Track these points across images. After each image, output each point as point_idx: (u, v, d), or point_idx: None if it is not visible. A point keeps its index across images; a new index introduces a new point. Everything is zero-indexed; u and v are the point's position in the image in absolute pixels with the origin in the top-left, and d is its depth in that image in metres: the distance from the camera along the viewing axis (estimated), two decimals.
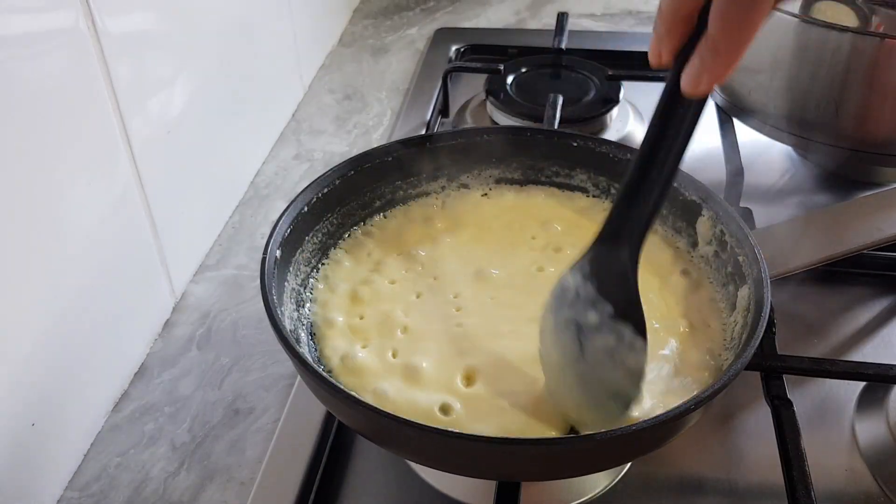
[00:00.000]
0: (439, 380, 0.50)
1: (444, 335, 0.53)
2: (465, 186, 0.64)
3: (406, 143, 0.62)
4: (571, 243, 0.59)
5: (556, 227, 0.61)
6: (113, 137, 0.58)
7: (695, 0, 0.38)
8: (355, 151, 0.70)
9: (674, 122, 0.42)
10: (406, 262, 0.59)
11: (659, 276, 0.57)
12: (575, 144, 0.62)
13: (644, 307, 0.54)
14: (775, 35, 0.69)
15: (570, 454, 0.43)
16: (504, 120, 0.85)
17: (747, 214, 0.69)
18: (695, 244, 0.58)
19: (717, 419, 0.58)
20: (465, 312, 0.54)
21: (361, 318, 0.54)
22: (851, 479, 0.54)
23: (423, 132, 0.86)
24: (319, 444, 0.56)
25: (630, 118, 0.87)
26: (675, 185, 0.58)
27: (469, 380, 0.50)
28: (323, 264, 0.58)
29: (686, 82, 0.39)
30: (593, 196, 0.63)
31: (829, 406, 0.59)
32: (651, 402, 0.48)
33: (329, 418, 0.57)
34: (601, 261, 0.43)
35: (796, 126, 0.71)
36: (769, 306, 0.48)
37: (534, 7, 1.14)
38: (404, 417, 0.43)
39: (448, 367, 0.50)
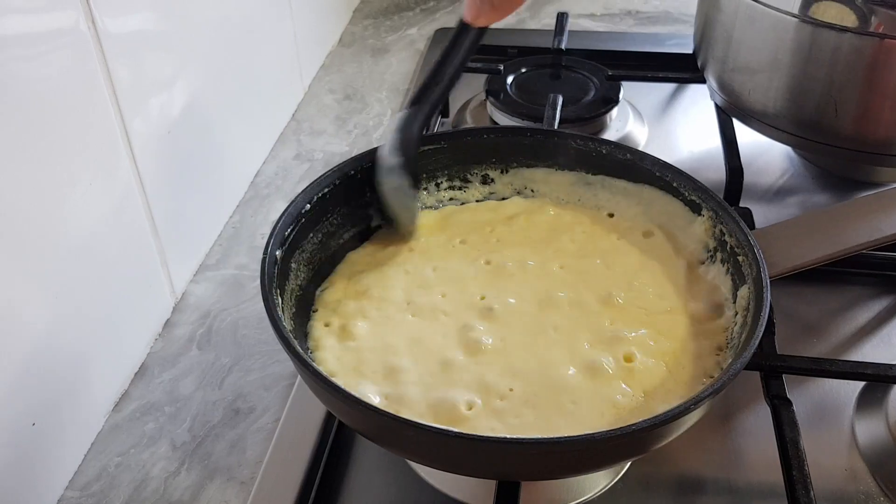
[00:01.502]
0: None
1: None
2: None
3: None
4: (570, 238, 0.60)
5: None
6: (113, 137, 0.58)
7: None
8: (355, 152, 0.71)
9: (460, 39, 0.58)
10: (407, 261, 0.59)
11: (658, 276, 0.57)
12: (575, 145, 0.62)
13: (644, 307, 0.54)
14: (775, 35, 0.69)
15: (569, 454, 0.43)
16: (504, 120, 0.85)
17: (747, 214, 0.69)
18: (694, 243, 0.58)
19: (716, 419, 0.58)
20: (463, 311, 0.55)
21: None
22: (851, 479, 0.54)
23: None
24: (320, 444, 0.56)
25: (630, 118, 0.88)
26: (675, 184, 0.59)
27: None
28: (323, 264, 0.58)
29: (469, 15, 0.56)
30: None
31: (828, 406, 0.59)
32: (651, 402, 0.48)
33: (329, 418, 0.57)
34: (405, 121, 0.59)
35: (795, 126, 0.71)
36: (769, 306, 0.48)
37: (533, 7, 1.14)
38: (404, 417, 0.43)
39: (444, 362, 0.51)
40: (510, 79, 0.88)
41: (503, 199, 0.64)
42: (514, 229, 0.61)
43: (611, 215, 0.62)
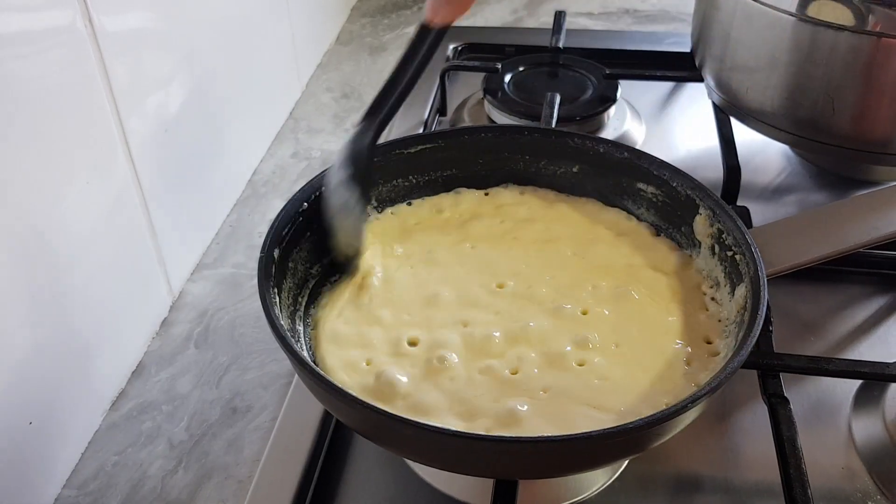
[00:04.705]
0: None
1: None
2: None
3: (404, 141, 0.62)
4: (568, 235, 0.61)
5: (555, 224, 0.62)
6: (111, 136, 0.58)
7: None
8: None
9: (419, 43, 0.56)
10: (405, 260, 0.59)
11: (656, 275, 0.57)
12: (573, 143, 0.62)
13: (643, 306, 0.54)
14: (772, 34, 0.69)
15: (566, 452, 0.43)
16: (502, 119, 0.85)
17: (744, 213, 0.69)
18: (692, 242, 0.58)
19: (713, 417, 0.58)
20: (465, 310, 0.55)
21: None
22: (848, 477, 0.54)
23: (421, 131, 0.86)
24: (317, 443, 0.56)
25: (627, 117, 0.88)
26: (673, 183, 0.59)
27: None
28: (321, 263, 0.58)
29: (429, 15, 0.55)
30: None
31: (825, 404, 0.59)
32: (648, 401, 0.48)
33: (327, 417, 0.57)
34: (358, 135, 0.56)
35: (793, 125, 0.71)
36: (766, 304, 0.48)
37: (531, 6, 1.14)
38: (402, 416, 0.43)
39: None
40: (508, 77, 0.88)
41: None
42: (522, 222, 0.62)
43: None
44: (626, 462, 0.55)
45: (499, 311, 0.54)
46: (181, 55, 0.68)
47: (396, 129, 0.87)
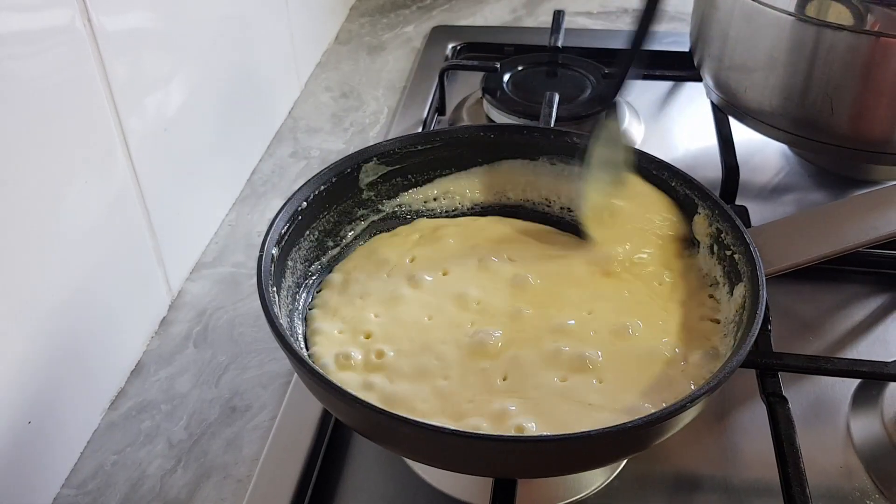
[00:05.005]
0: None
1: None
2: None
3: (402, 140, 0.62)
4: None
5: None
6: (110, 135, 0.58)
7: None
8: (352, 149, 0.71)
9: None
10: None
11: (654, 274, 0.57)
12: (571, 143, 0.62)
13: (640, 305, 0.54)
14: (771, 33, 0.69)
15: (565, 451, 0.43)
16: (500, 118, 0.85)
17: (743, 212, 0.69)
18: (690, 242, 0.58)
19: (712, 416, 0.58)
20: (462, 308, 0.55)
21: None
22: (846, 476, 0.54)
23: (420, 130, 0.86)
24: (316, 442, 0.56)
25: (626, 116, 0.88)
26: (672, 183, 0.59)
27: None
28: (320, 262, 0.58)
29: None
30: None
31: (824, 403, 0.59)
32: (646, 400, 0.48)
33: (326, 416, 0.57)
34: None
35: (791, 124, 0.72)
36: (764, 304, 0.48)
37: (530, 5, 1.14)
38: (401, 415, 0.43)
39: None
40: (507, 77, 0.88)
41: None
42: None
43: None
44: (625, 461, 0.55)
45: (497, 310, 0.54)
46: (180, 54, 0.68)
47: (395, 129, 0.87)
